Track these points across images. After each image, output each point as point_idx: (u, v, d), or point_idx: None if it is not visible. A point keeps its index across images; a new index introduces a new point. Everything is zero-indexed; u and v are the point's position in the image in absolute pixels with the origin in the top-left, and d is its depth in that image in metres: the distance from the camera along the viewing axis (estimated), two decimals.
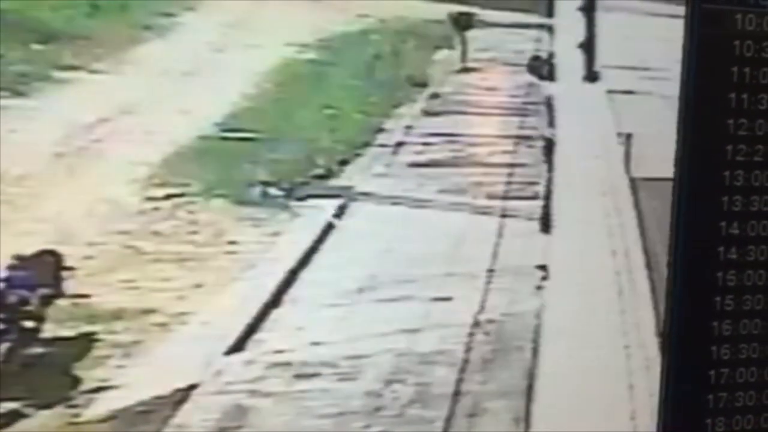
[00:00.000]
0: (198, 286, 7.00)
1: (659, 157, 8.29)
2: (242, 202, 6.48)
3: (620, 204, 9.11)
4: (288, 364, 5.33)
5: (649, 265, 7.01)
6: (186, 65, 10.14)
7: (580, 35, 11.16)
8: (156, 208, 8.54)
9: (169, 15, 7.36)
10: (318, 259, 8.02)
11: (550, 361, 5.32)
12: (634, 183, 9.74)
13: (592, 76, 11.97)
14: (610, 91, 11.63)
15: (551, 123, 10.36)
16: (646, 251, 7.38)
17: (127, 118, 9.56)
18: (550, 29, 11.31)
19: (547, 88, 10.14)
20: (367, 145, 10.38)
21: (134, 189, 8.64)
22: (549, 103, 10.86)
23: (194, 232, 8.00)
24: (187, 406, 4.84)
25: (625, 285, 6.49)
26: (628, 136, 10.33)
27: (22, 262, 5.53)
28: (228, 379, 5.17)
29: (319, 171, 9.90)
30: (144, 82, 9.41)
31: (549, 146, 9.67)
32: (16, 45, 8.59)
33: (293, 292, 7.21)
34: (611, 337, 5.58)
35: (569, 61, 11.20)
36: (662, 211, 6.02)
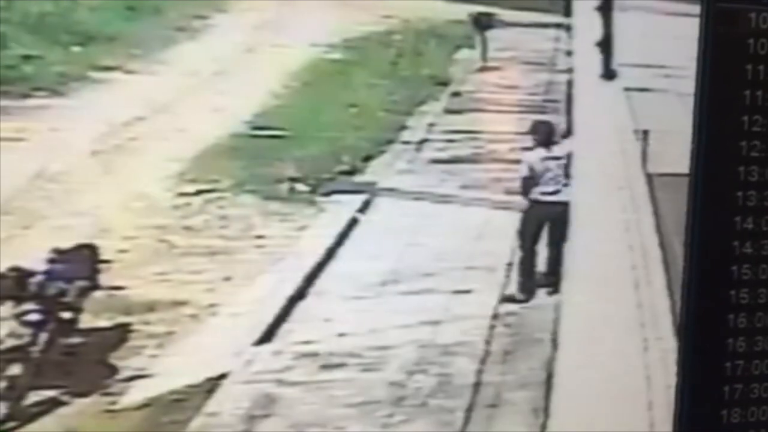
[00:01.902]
0: (227, 278, 7.22)
1: (675, 153, 8.42)
2: (270, 198, 6.66)
3: (637, 199, 9.24)
4: (314, 354, 5.51)
5: (665, 260, 7.14)
6: (217, 65, 10.44)
7: (598, 34, 11.33)
8: (188, 204, 8.83)
9: (201, 17, 7.59)
10: (343, 252, 8.22)
11: (569, 354, 5.45)
12: (650, 179, 9.87)
13: (609, 74, 12.15)
14: (627, 89, 11.80)
15: (569, 120, 10.45)
16: (662, 246, 7.51)
17: (160, 116, 9.89)
18: (568, 28, 11.50)
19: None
20: (390, 142, 10.62)
21: (167, 185, 8.93)
22: (568, 101, 10.98)
23: (224, 227, 8.23)
24: (217, 395, 5.04)
25: (641, 279, 6.62)
26: (645, 133, 10.49)
27: (60, 255, 5.77)
28: (257, 368, 5.35)
29: (345, 167, 10.13)
30: (177, 81, 9.70)
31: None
32: (56, 46, 8.87)
33: (319, 284, 7.41)
34: (628, 330, 5.70)
35: (587, 60, 11.38)
36: (678, 206, 6.17)
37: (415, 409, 5.31)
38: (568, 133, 6.29)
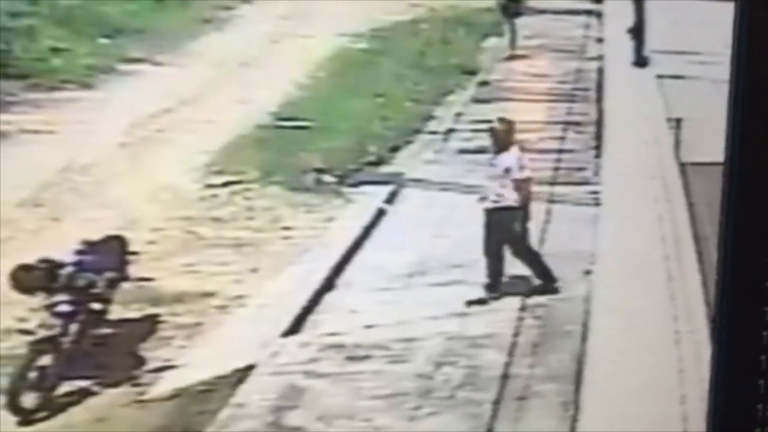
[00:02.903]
0: (255, 270, 7.15)
1: (709, 141, 8.08)
2: (297, 189, 6.64)
3: (670, 189, 8.92)
4: (341, 346, 5.48)
5: (699, 251, 6.95)
6: (243, 56, 10.27)
7: (629, 20, 10.97)
8: (214, 195, 8.76)
9: (227, 8, 7.48)
10: (370, 244, 8.07)
11: (600, 346, 5.36)
12: (683, 168, 9.54)
13: (641, 61, 11.82)
14: (659, 76, 11.46)
15: (599, 108, 10.13)
16: (696, 237, 7.31)
17: (187, 108, 9.77)
18: (598, 15, 11.15)
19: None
20: (417, 132, 10.38)
21: (194, 177, 8.86)
22: (598, 89, 10.67)
23: (251, 218, 8.13)
24: (245, 386, 5.03)
25: (674, 271, 6.48)
26: (678, 121, 10.15)
27: (89, 247, 5.76)
28: (284, 360, 5.34)
29: (371, 158, 9.97)
30: (204, 73, 9.53)
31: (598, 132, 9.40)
32: (84, 39, 8.73)
33: (346, 276, 7.29)
34: (661, 323, 5.60)
35: (618, 47, 11.02)
36: (713, 196, 5.99)
37: (443, 402, 5.28)
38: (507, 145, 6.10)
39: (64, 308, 5.31)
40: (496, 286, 6.01)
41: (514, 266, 6.15)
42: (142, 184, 9.61)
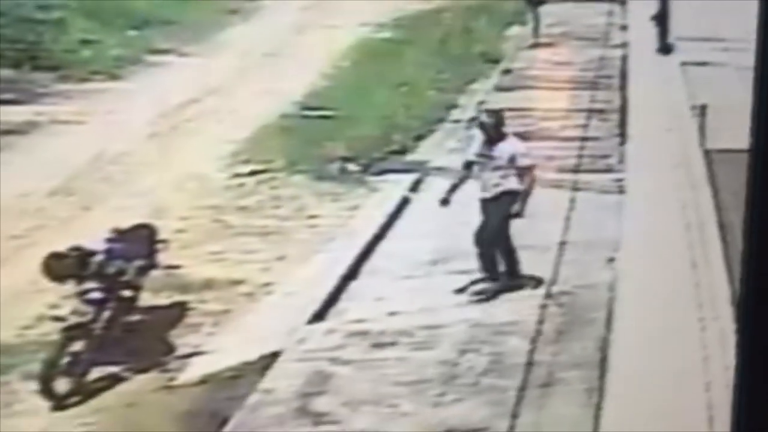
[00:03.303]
0: (281, 258, 7.19)
1: (734, 128, 7.98)
2: (322, 178, 6.62)
3: (694, 176, 8.86)
4: (366, 333, 5.52)
5: (724, 238, 6.91)
6: (268, 47, 10.32)
7: (653, 7, 10.89)
8: (241, 184, 8.85)
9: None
10: (394, 232, 8.07)
11: (624, 333, 5.36)
12: (708, 155, 9.48)
13: (665, 49, 11.73)
14: (683, 63, 11.36)
15: (623, 96, 10.07)
16: (721, 224, 7.26)
17: (214, 98, 9.84)
18: (622, 2, 11.09)
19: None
20: (441, 120, 10.38)
21: (221, 166, 8.94)
22: (622, 76, 10.60)
23: (277, 207, 8.15)
24: (272, 372, 5.09)
25: (699, 258, 6.44)
26: (703, 108, 10.10)
27: (119, 235, 5.84)
28: (310, 346, 5.39)
29: (395, 147, 9.98)
30: (230, 63, 9.59)
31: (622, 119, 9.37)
32: (113, 30, 8.84)
33: (371, 264, 7.30)
34: (685, 310, 5.58)
35: (642, 34, 10.93)
36: (737, 183, 5.90)
37: (467, 389, 5.31)
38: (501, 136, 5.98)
39: (95, 295, 5.37)
40: (496, 276, 5.96)
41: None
42: (171, 173, 9.69)
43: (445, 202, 6.18)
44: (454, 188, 6.22)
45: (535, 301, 6.05)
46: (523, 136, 10.45)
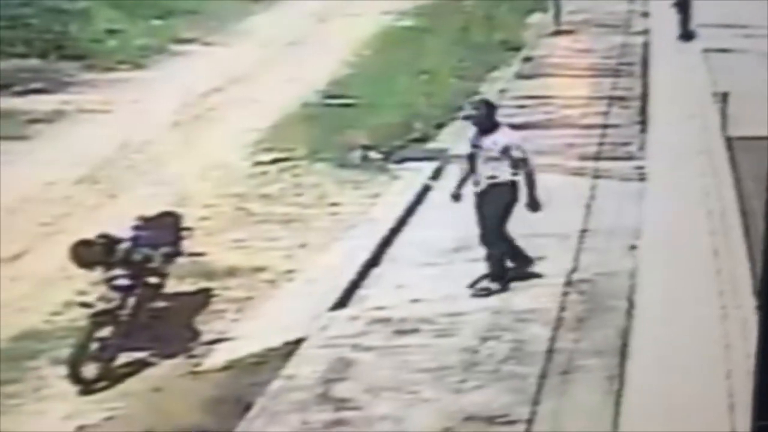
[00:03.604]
0: (303, 245, 7.24)
1: (757, 115, 7.95)
2: (344, 166, 6.64)
3: (716, 164, 8.81)
4: (388, 320, 5.58)
5: (745, 225, 6.88)
6: (291, 35, 10.39)
7: None
8: (264, 172, 8.91)
9: None
10: (415, 219, 8.09)
11: (645, 321, 5.37)
12: (730, 142, 9.42)
13: (687, 35, 11.64)
14: (705, 50, 11.27)
15: (645, 83, 10.01)
16: (743, 211, 7.22)
17: (237, 87, 9.92)
18: None
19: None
20: (462, 108, 10.37)
21: (244, 154, 9.01)
22: (644, 63, 10.52)
23: (299, 194, 8.17)
24: (295, 359, 5.15)
25: (721, 245, 6.43)
26: (725, 95, 10.03)
27: (145, 222, 5.92)
28: (333, 333, 5.45)
29: (416, 135, 9.99)
30: (252, 52, 9.65)
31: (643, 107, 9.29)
32: (138, 20, 8.96)
33: (392, 251, 7.34)
34: (707, 298, 5.58)
35: (663, 21, 10.86)
36: (759, 170, 5.90)
37: (488, 375, 5.34)
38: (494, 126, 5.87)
39: (122, 282, 5.45)
40: (503, 273, 5.87)
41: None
42: (195, 161, 9.75)
43: (456, 197, 6.11)
44: (462, 182, 6.15)
45: (556, 289, 6.06)
46: (543, 125, 10.45)
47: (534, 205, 5.98)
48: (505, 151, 5.98)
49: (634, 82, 11.83)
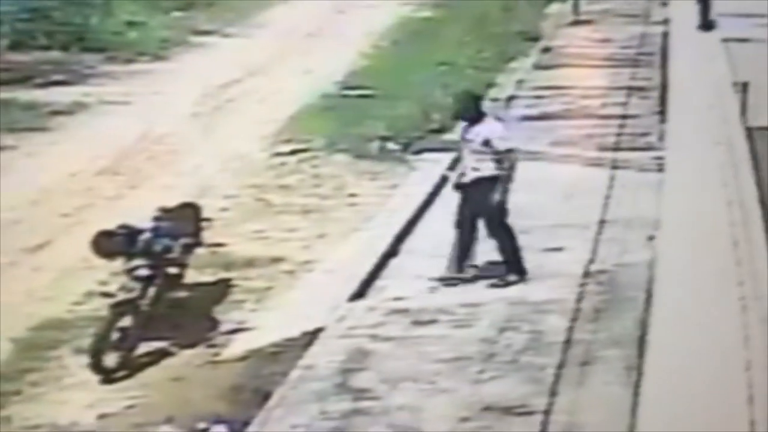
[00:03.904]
0: (322, 236, 7.26)
1: None
2: (362, 157, 6.64)
3: (736, 154, 8.75)
4: (406, 310, 5.59)
5: (765, 216, 6.81)
6: (309, 27, 10.42)
7: None
8: (283, 163, 8.94)
9: None
10: (433, 210, 8.10)
11: (663, 312, 5.36)
12: (750, 132, 9.36)
13: (707, 25, 11.57)
14: (725, 40, 11.20)
15: (664, 73, 9.94)
16: (763, 202, 7.16)
17: (256, 78, 9.96)
18: None
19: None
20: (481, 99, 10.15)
21: (263, 145, 9.04)
22: (663, 53, 10.45)
23: (318, 185, 8.18)
24: (314, 349, 5.18)
25: (740, 236, 6.40)
26: (744, 85, 9.97)
27: (166, 213, 5.97)
28: (351, 323, 5.48)
29: (434, 126, 9.99)
30: (271, 44, 9.69)
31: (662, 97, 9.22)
32: (158, 12, 9.03)
33: (410, 241, 7.35)
34: (726, 289, 5.56)
35: (683, 10, 10.79)
36: None
37: (506, 366, 5.35)
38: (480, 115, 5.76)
39: (143, 272, 5.50)
40: (462, 264, 5.80)
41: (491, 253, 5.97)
42: (214, 152, 9.79)
43: (458, 186, 6.04)
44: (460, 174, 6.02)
45: (575, 280, 6.06)
46: (561, 115, 10.40)
47: (503, 202, 5.76)
48: (487, 143, 5.91)
49: (653, 72, 11.76)
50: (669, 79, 10.90)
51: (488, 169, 5.83)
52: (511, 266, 5.91)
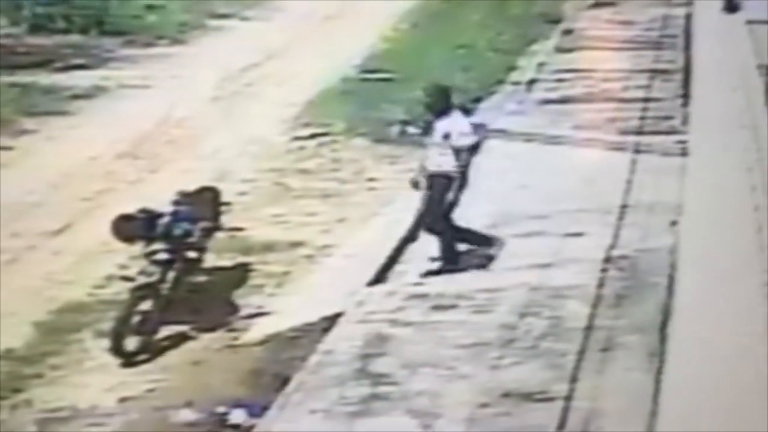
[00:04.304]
0: (341, 220, 7.24)
1: None
2: (381, 141, 6.59)
3: (760, 138, 8.64)
4: (426, 295, 5.57)
5: None
6: (328, 9, 10.36)
7: None
8: (302, 147, 8.90)
9: None
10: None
11: (686, 298, 5.31)
12: None
13: (731, 7, 11.41)
14: (749, 22, 11.04)
15: (687, 56, 9.79)
16: None
17: (275, 62, 9.92)
18: None
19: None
20: (500, 82, 10.24)
21: (282, 129, 9.01)
22: (687, 36, 10.30)
23: (337, 170, 8.16)
24: (333, 333, 5.17)
25: (764, 221, 6.32)
26: None
27: (185, 197, 5.96)
28: (370, 308, 5.47)
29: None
30: (290, 27, 9.65)
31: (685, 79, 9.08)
32: None
33: None
34: (749, 275, 5.49)
35: None
36: None
37: (526, 352, 5.32)
38: (448, 108, 5.61)
39: (163, 256, 5.51)
40: (454, 257, 5.79)
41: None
42: (233, 136, 9.80)
43: (415, 184, 5.86)
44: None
45: (596, 265, 6.01)
46: (583, 99, 10.29)
47: (454, 202, 5.64)
48: (446, 137, 5.72)
49: (676, 54, 11.61)
50: (692, 61, 10.76)
51: (448, 164, 5.73)
52: (447, 261, 5.83)
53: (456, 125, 5.80)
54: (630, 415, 4.60)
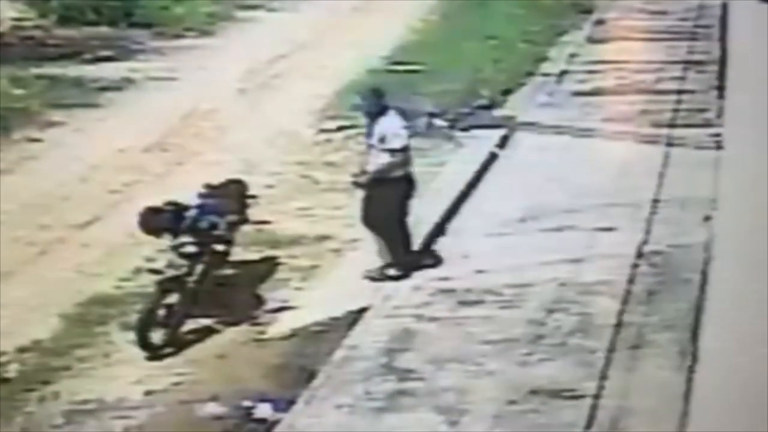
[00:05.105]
0: None
1: None
2: (409, 133, 6.50)
3: None
4: (453, 291, 5.51)
5: None
6: (356, 1, 10.25)
7: None
8: (329, 140, 8.85)
9: None
10: (481, 188, 7.95)
11: (719, 295, 5.20)
12: None
13: None
14: None
15: (723, 47, 9.59)
16: None
17: (302, 53, 9.86)
18: None
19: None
20: (530, 74, 10.11)
21: (309, 121, 8.94)
22: (722, 26, 10.10)
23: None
24: (358, 328, 5.13)
25: None
26: None
27: (211, 190, 5.94)
28: (396, 303, 5.42)
29: (483, 101, 9.78)
30: (317, 18, 9.59)
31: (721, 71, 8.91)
32: None
33: (458, 220, 7.23)
34: None
35: None
36: None
37: (554, 348, 5.24)
38: (384, 109, 5.47)
39: (190, 249, 5.50)
40: (407, 261, 5.66)
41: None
42: (260, 129, 9.81)
43: (357, 184, 5.77)
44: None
45: (626, 261, 5.92)
46: (615, 90, 10.14)
47: (405, 208, 5.52)
48: (382, 140, 5.63)
49: (711, 45, 11.39)
50: (728, 52, 10.56)
51: (385, 168, 5.62)
52: (397, 264, 5.70)
53: (391, 127, 5.71)
54: (660, 414, 4.48)
